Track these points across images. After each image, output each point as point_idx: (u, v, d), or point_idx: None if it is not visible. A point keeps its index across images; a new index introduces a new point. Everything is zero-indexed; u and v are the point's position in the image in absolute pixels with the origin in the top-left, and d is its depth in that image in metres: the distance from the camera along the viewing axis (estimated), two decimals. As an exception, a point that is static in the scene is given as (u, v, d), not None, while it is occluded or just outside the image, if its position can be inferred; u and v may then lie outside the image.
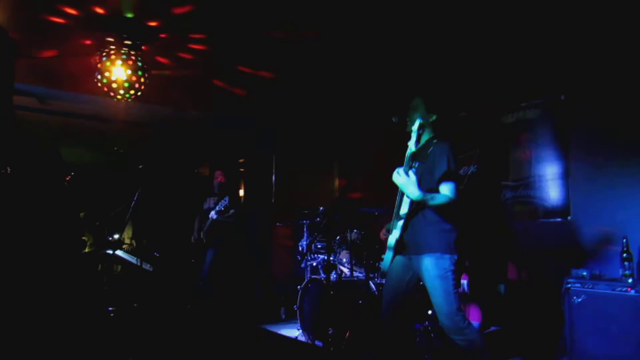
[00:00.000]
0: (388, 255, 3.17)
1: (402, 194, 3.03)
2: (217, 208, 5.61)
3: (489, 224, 5.38)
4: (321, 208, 5.01)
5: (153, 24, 3.76)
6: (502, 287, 5.05)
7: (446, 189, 2.98)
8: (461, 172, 5.65)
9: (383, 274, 3.98)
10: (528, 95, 5.04)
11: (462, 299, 5.38)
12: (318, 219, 5.05)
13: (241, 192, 8.26)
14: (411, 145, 2.94)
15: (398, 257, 3.16)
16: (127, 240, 7.93)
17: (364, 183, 6.08)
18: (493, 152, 5.37)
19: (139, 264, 4.27)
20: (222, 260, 5.89)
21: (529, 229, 4.97)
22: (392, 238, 3.08)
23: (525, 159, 5.08)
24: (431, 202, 2.94)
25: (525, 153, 5.08)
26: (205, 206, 6.04)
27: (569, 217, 4.65)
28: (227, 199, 5.52)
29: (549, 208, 4.84)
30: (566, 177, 4.72)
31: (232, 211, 5.76)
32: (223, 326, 5.59)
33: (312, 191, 6.78)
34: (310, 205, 5.66)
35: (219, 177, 5.97)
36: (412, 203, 3.01)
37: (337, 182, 7.27)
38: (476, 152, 5.50)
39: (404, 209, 3.03)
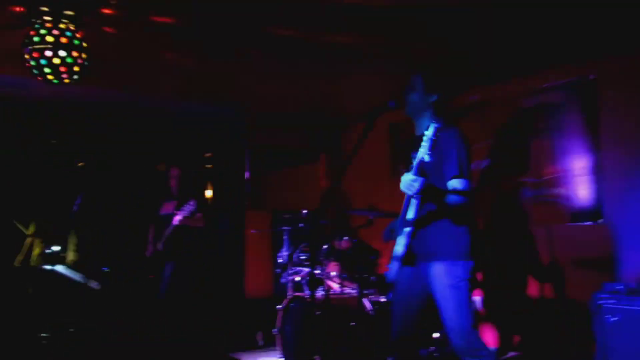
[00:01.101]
0: (394, 266, 3.14)
1: (408, 198, 2.99)
2: (181, 214, 5.49)
3: (506, 229, 5.35)
4: (304, 211, 4.94)
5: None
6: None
7: (457, 185, 2.93)
8: (472, 166, 5.62)
9: (388, 287, 3.93)
10: (550, 75, 5.01)
11: (476, 319, 5.41)
12: (301, 224, 4.98)
13: (208, 193, 8.17)
14: (424, 155, 2.82)
15: (405, 268, 3.13)
16: (71, 253, 7.80)
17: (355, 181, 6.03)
18: (509, 143, 5.34)
19: (84, 281, 4.15)
20: (185, 275, 5.80)
21: (552, 234, 4.94)
22: (399, 246, 3.04)
23: (548, 152, 5.06)
24: (439, 200, 2.91)
25: (548, 144, 5.06)
26: (163, 212, 5.92)
27: (601, 220, 4.63)
28: (193, 202, 5.41)
29: (576, 209, 4.82)
30: (597, 172, 4.69)
31: (198, 215, 5.66)
32: (188, 356, 5.49)
33: (294, 192, 6.72)
34: (292, 208, 5.59)
35: (175, 176, 5.84)
36: (420, 206, 2.97)
37: (323, 181, 7.22)
38: (488, 143, 5.47)
39: (411, 214, 2.99)
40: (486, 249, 5.12)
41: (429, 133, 2.80)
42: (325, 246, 4.80)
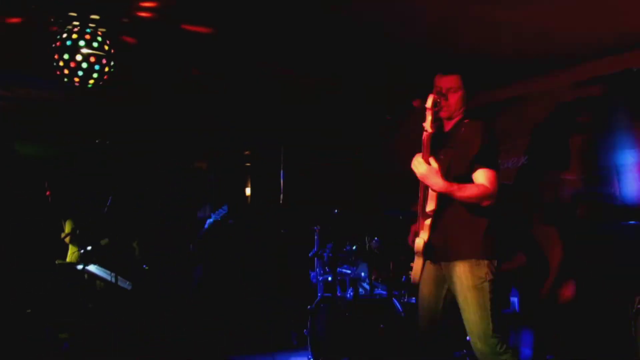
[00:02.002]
0: (417, 263, 3.08)
1: (426, 188, 2.92)
2: (212, 218, 5.57)
3: (547, 228, 5.18)
4: (335, 210, 4.91)
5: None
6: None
7: (481, 178, 2.84)
8: (509, 164, 5.48)
9: (414, 286, 3.86)
10: (592, 67, 4.81)
11: (513, 321, 5.26)
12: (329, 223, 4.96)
13: (247, 191, 8.23)
14: (426, 127, 2.82)
15: (429, 268, 3.07)
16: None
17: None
18: (548, 139, 5.17)
19: (113, 280, 4.23)
20: (220, 275, 5.87)
21: (596, 234, 4.75)
22: (420, 241, 2.98)
23: (590, 147, 4.86)
24: (460, 195, 2.82)
25: (590, 139, 4.87)
26: (201, 214, 6.02)
27: (645, 220, 4.42)
28: (225, 207, 5.48)
29: (622, 208, 4.61)
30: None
31: (230, 221, 5.73)
32: (221, 353, 5.55)
33: (329, 190, 6.68)
34: (328, 206, 5.55)
35: (210, 177, 5.94)
36: (440, 198, 2.89)
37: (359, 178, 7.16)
38: (528, 139, 5.32)
39: (431, 206, 2.92)
40: (525, 249, 4.97)
41: (428, 104, 2.83)
42: (354, 247, 4.75)
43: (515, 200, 5.43)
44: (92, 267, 4.47)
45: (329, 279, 5.03)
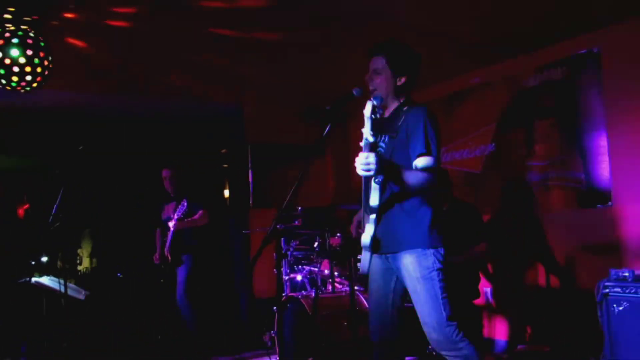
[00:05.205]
0: (365, 257, 3.01)
1: (368, 182, 2.83)
2: (175, 217, 5.44)
3: (513, 216, 5.14)
4: (299, 208, 4.82)
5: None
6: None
7: (422, 165, 2.76)
8: (476, 152, 5.44)
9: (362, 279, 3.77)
10: (553, 51, 4.77)
11: (487, 311, 5.22)
12: (296, 221, 4.86)
13: (226, 192, 8.14)
14: (366, 135, 2.66)
15: (376, 260, 3.01)
16: (85, 260, 7.86)
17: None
18: (513, 125, 5.12)
19: (69, 292, 4.10)
20: (197, 277, 5.75)
21: (561, 219, 4.71)
22: (366, 235, 2.90)
23: (554, 132, 4.82)
24: (404, 179, 2.72)
25: (553, 124, 4.82)
26: (164, 216, 5.89)
27: (610, 204, 4.37)
28: (184, 203, 5.35)
29: (586, 192, 4.57)
30: (605, 153, 4.44)
31: (200, 212, 5.59)
32: (194, 356, 5.47)
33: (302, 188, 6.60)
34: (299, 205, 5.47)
35: (167, 177, 5.79)
36: (383, 191, 2.81)
37: (330, 176, 7.10)
38: (493, 127, 5.27)
39: (374, 200, 2.84)
40: (495, 237, 4.93)
41: (366, 112, 2.64)
42: (316, 244, 4.68)
43: (482, 188, 5.39)
44: (43, 279, 4.35)
45: (297, 277, 4.96)
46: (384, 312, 2.99)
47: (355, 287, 4.38)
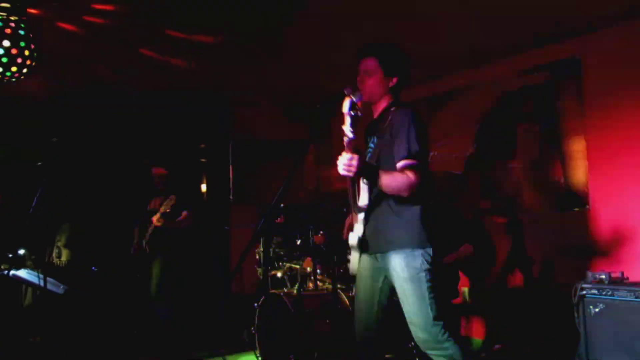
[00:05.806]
0: (354, 257, 3.03)
1: (355, 181, 2.85)
2: (161, 211, 5.41)
3: (494, 217, 5.22)
4: (281, 205, 4.84)
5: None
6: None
7: (404, 168, 2.74)
8: (458, 153, 5.50)
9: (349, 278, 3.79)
10: (535, 56, 4.85)
11: (463, 311, 5.29)
12: (278, 218, 4.88)
13: (203, 188, 8.09)
14: (346, 132, 2.64)
15: (365, 260, 3.02)
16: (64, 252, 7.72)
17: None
18: (495, 127, 5.20)
19: (47, 286, 4.03)
20: (172, 273, 5.72)
21: (539, 221, 4.80)
22: (354, 235, 2.92)
23: (535, 135, 4.91)
24: (385, 181, 2.70)
25: (534, 128, 4.91)
26: (150, 207, 5.86)
27: (587, 207, 4.47)
28: (173, 197, 5.32)
29: (564, 195, 4.67)
30: (583, 157, 4.54)
31: (185, 212, 5.57)
32: (172, 354, 5.45)
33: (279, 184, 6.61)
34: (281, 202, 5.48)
35: (157, 175, 5.76)
36: (372, 190, 2.83)
37: (313, 172, 7.12)
38: (475, 129, 5.34)
39: (364, 199, 2.86)
40: (474, 238, 4.99)
41: (344, 108, 2.62)
42: (299, 241, 4.70)
43: (464, 189, 5.46)
44: (21, 272, 4.28)
45: (278, 274, 4.97)
46: (369, 310, 3.00)
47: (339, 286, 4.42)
